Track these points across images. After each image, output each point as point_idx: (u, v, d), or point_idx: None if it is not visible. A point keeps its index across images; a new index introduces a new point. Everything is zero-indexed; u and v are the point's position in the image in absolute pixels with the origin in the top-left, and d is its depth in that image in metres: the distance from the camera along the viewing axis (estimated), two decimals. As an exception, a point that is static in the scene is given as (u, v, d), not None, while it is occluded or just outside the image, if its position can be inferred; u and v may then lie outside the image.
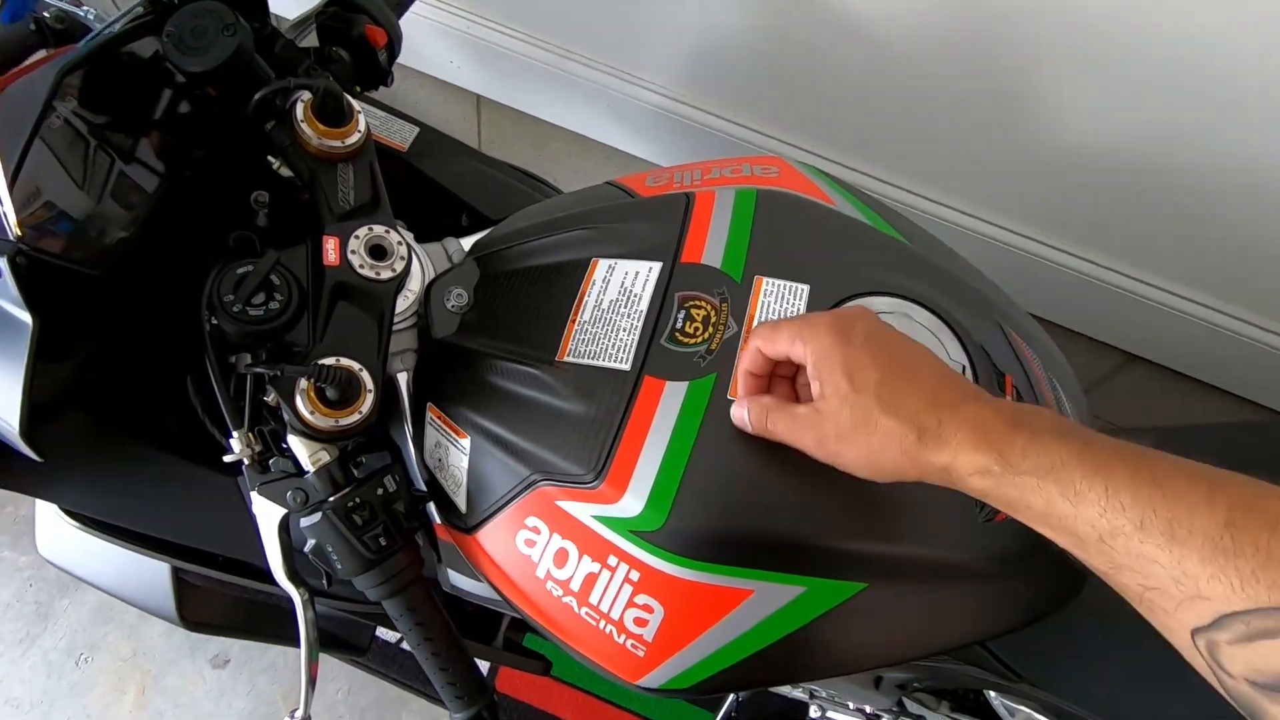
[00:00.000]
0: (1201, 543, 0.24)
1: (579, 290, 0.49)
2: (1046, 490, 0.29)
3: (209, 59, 0.44)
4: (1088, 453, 0.28)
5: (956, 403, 0.33)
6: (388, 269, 0.51)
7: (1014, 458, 0.30)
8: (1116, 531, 0.27)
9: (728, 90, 1.02)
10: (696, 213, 0.51)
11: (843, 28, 0.87)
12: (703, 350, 0.45)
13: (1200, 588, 0.24)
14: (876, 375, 0.34)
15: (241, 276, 0.46)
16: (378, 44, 0.55)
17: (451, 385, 0.51)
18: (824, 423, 0.36)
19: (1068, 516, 0.28)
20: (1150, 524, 0.25)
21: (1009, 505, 0.31)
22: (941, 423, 0.33)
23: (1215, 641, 0.24)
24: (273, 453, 0.49)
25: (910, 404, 0.34)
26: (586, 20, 1.02)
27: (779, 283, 0.46)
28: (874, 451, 0.34)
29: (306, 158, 0.51)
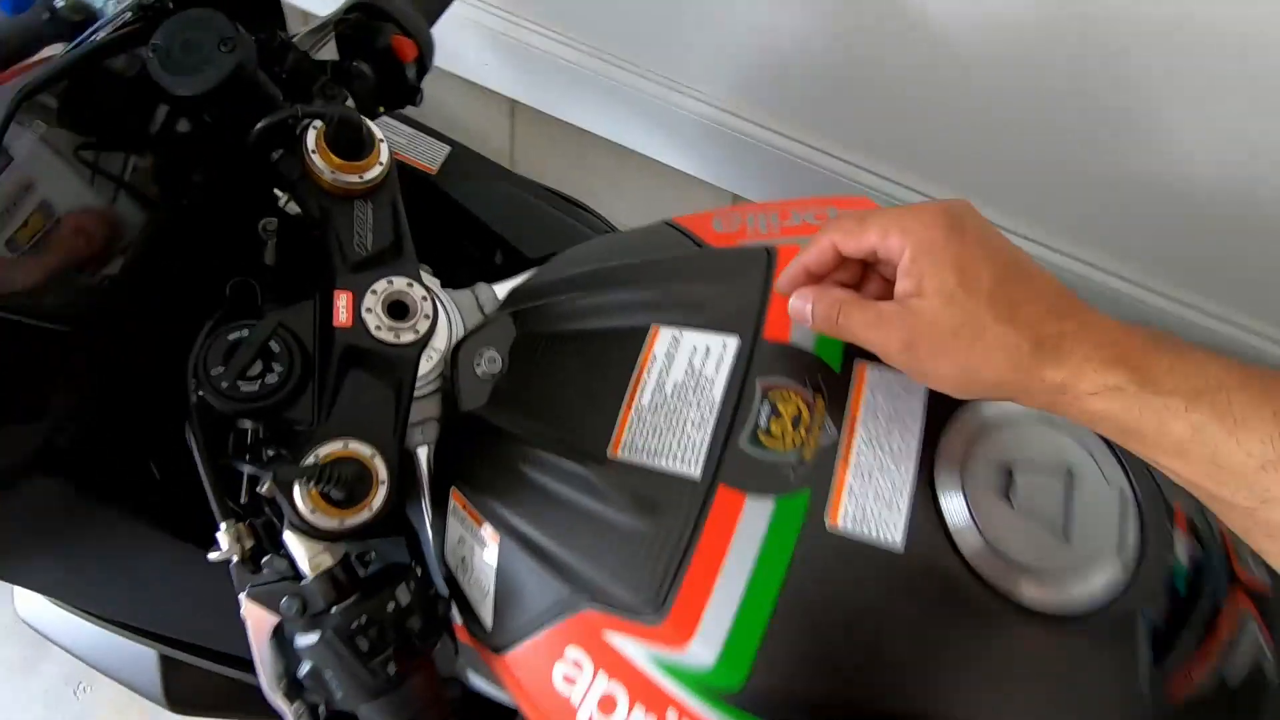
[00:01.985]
0: None
1: (637, 366, 0.41)
2: (1197, 414, 0.26)
3: (202, 80, 0.36)
4: (1250, 378, 0.26)
5: (1081, 313, 0.29)
6: (410, 330, 0.42)
7: (1158, 375, 0.27)
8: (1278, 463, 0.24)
9: (783, 103, 0.93)
10: (783, 263, 0.42)
11: (917, 38, 0.77)
12: (794, 460, 0.36)
13: None
14: (991, 276, 0.30)
15: (234, 344, 0.38)
16: (405, 58, 0.47)
17: (480, 470, 0.43)
18: (918, 323, 0.31)
19: (1219, 446, 0.25)
20: None
21: (1137, 432, 0.28)
22: (1064, 334, 0.29)
23: None
24: (267, 550, 0.41)
25: (1028, 311, 0.29)
26: (630, 23, 0.93)
27: (888, 374, 0.37)
28: (975, 362, 0.30)
29: (318, 194, 0.43)
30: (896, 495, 0.34)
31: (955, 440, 0.36)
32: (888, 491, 0.35)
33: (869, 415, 0.36)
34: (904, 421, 0.36)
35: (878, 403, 0.37)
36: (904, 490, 0.35)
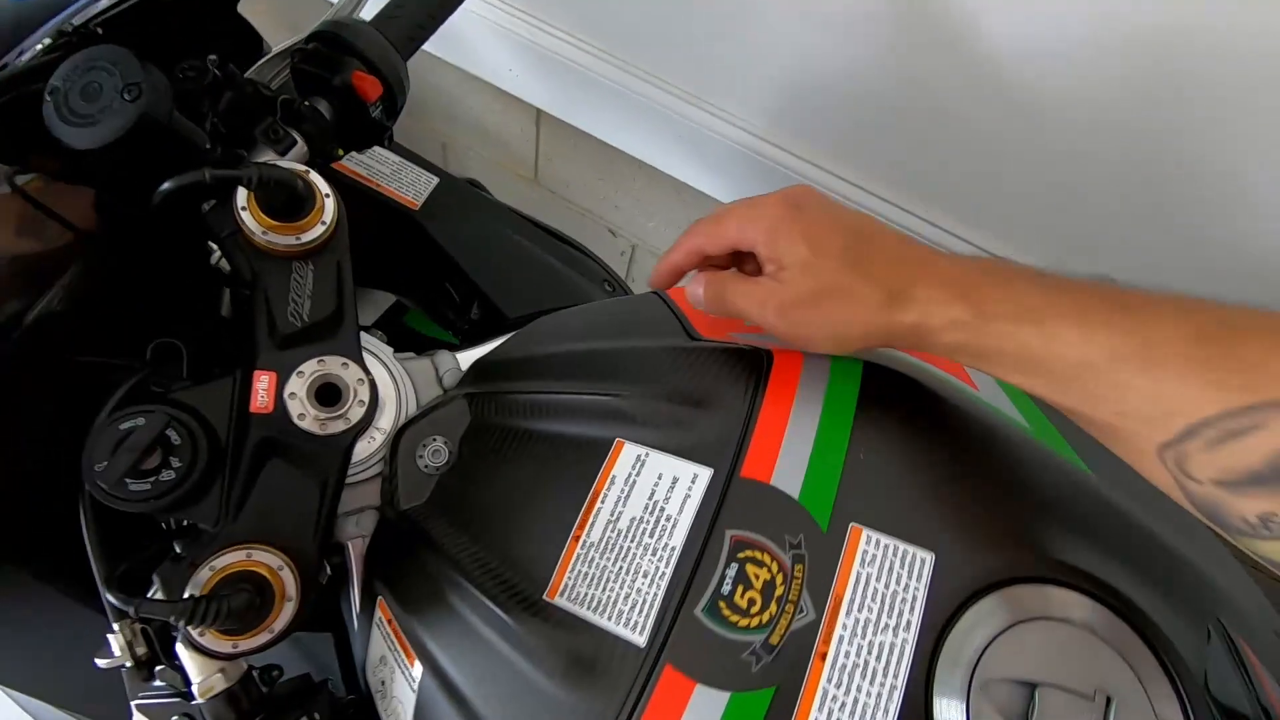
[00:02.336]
0: (1174, 360, 0.25)
1: (592, 489, 0.35)
2: (1022, 334, 0.29)
3: (97, 133, 0.31)
4: (1060, 292, 0.29)
5: (922, 259, 0.33)
6: (340, 419, 0.37)
7: (988, 306, 0.30)
8: (1090, 364, 0.27)
9: (821, 133, 0.85)
10: (772, 392, 0.35)
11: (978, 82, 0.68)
12: (759, 641, 0.29)
13: (1174, 403, 0.25)
14: (839, 242, 0.33)
15: (125, 434, 0.33)
16: (367, 97, 0.41)
17: (410, 584, 0.37)
18: (786, 292, 0.34)
19: (1043, 357, 0.29)
20: (1123, 351, 0.26)
21: (983, 356, 0.31)
22: (910, 280, 0.32)
23: (1185, 452, 0.25)
24: (160, 659, 0.36)
25: (877, 266, 0.32)
26: (666, 39, 0.86)
27: (887, 542, 0.30)
28: (842, 318, 0.33)
29: (251, 253, 0.38)
30: (880, 710, 0.28)
31: (966, 640, 0.29)
32: (870, 703, 0.28)
33: (857, 595, 0.30)
34: (900, 609, 0.29)
35: (870, 580, 0.30)
36: (891, 704, 0.28)
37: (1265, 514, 0.24)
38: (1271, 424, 0.23)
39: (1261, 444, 0.24)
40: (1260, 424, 0.24)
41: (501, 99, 1.09)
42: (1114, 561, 0.31)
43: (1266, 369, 0.24)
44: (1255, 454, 0.24)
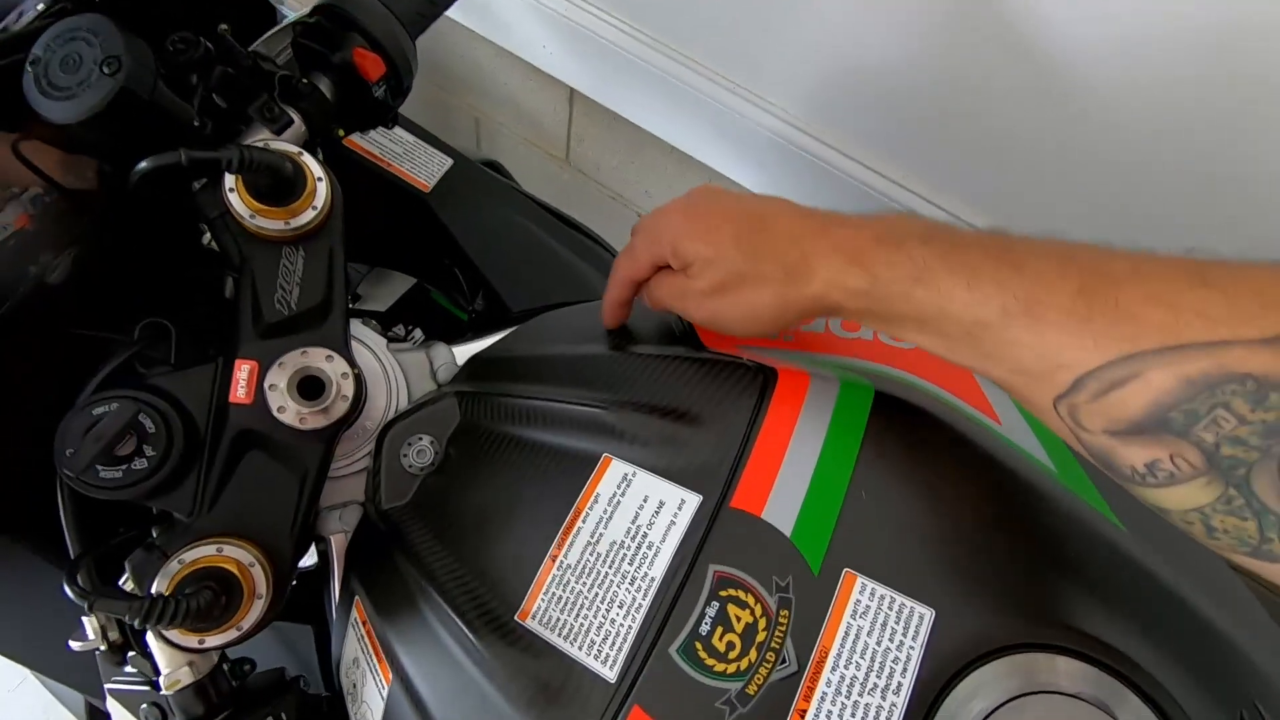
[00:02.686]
0: (1058, 315, 0.25)
1: (574, 504, 0.33)
2: (915, 296, 0.29)
3: (74, 107, 0.30)
4: (952, 252, 0.28)
5: (817, 231, 0.32)
6: (319, 414, 0.36)
7: (880, 269, 0.30)
8: (982, 322, 0.27)
9: (864, 128, 0.80)
10: (773, 414, 0.32)
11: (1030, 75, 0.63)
12: (735, 690, 0.27)
13: (1060, 357, 0.25)
14: (732, 229, 0.34)
15: (96, 420, 0.32)
16: (369, 75, 0.39)
17: (386, 589, 0.36)
18: (694, 284, 0.35)
19: (935, 317, 0.28)
20: (1012, 308, 0.26)
21: (885, 321, 0.31)
22: (806, 254, 0.32)
23: (1075, 405, 0.25)
24: (132, 646, 0.36)
25: (770, 246, 0.33)
26: (707, 21, 0.82)
27: (884, 592, 0.28)
28: (751, 302, 0.33)
29: (240, 236, 0.36)
30: (860, 781, 0.25)
31: (962, 710, 0.26)
32: (850, 771, 0.25)
33: (845, 649, 0.27)
34: (891, 669, 0.27)
35: (860, 633, 0.27)
36: (873, 775, 0.25)
37: (1151, 461, 0.24)
38: (1148, 373, 0.23)
39: (1140, 393, 0.24)
40: (1137, 373, 0.24)
41: (536, 76, 1.07)
42: (1136, 631, 0.27)
43: (1143, 318, 0.24)
44: (1136, 403, 0.24)
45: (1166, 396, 0.23)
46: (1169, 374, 0.23)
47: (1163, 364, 0.23)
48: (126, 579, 0.34)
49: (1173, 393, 0.23)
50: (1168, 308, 0.23)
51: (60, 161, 0.39)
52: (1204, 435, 0.23)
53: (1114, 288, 0.24)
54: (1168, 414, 0.23)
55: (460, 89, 1.20)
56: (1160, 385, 0.23)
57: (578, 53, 0.96)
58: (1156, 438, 0.24)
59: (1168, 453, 0.24)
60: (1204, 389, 0.22)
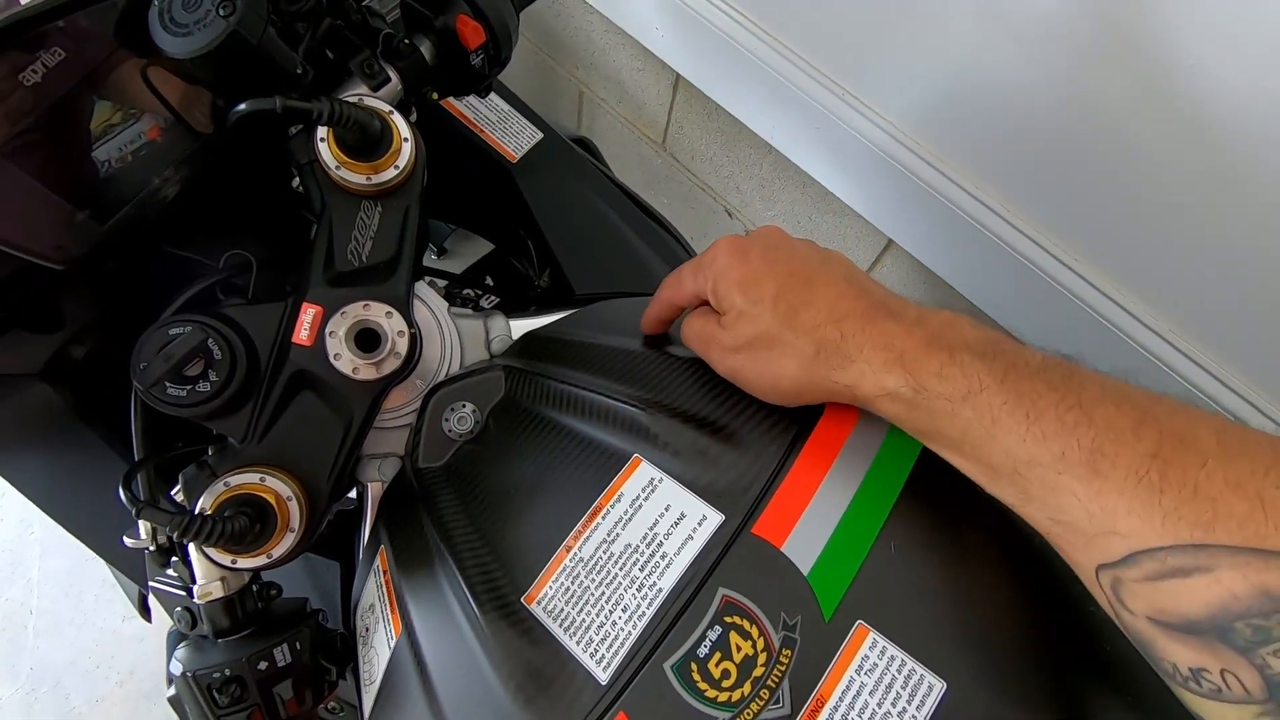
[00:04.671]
0: (1124, 476, 0.22)
1: (597, 499, 0.33)
2: (962, 416, 0.26)
3: (189, 43, 0.31)
4: (1011, 376, 0.26)
5: (863, 315, 0.30)
6: (371, 367, 0.37)
7: (928, 380, 0.27)
8: (1034, 462, 0.24)
9: (974, 153, 0.76)
10: (811, 448, 0.31)
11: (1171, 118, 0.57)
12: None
13: (1116, 523, 0.22)
14: (774, 287, 0.31)
15: (170, 339, 0.34)
16: (468, 43, 0.39)
17: (407, 543, 0.37)
18: (725, 335, 0.33)
19: (982, 444, 0.26)
20: (1072, 455, 0.23)
21: (922, 433, 0.29)
22: (844, 336, 0.29)
23: (1121, 579, 0.23)
24: (176, 553, 0.38)
25: (808, 316, 0.30)
26: (826, 23, 0.79)
27: (895, 653, 0.26)
28: (774, 369, 0.31)
29: (325, 185, 0.38)
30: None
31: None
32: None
33: (843, 704, 0.26)
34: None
35: (862, 690, 0.26)
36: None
37: (1197, 668, 0.21)
38: (1220, 570, 0.20)
39: (1205, 590, 0.20)
40: (1207, 567, 0.20)
41: (643, 57, 1.06)
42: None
43: (1225, 506, 0.20)
44: (1197, 600, 0.21)
45: (1236, 604, 0.20)
46: (1245, 579, 0.20)
47: (1240, 565, 0.20)
48: (178, 489, 0.37)
49: (1244, 601, 0.20)
50: (1255, 500, 0.20)
51: (181, 94, 0.42)
52: (1272, 661, 0.19)
53: (1196, 463, 0.21)
54: (1232, 624, 0.20)
55: (568, 60, 1.21)
56: (1232, 589, 0.20)
57: (690, 39, 0.94)
58: (1210, 646, 0.21)
59: (1220, 665, 0.20)
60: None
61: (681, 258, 0.56)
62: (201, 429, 0.41)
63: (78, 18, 0.34)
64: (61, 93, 0.36)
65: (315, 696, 0.38)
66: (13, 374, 0.45)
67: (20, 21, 0.31)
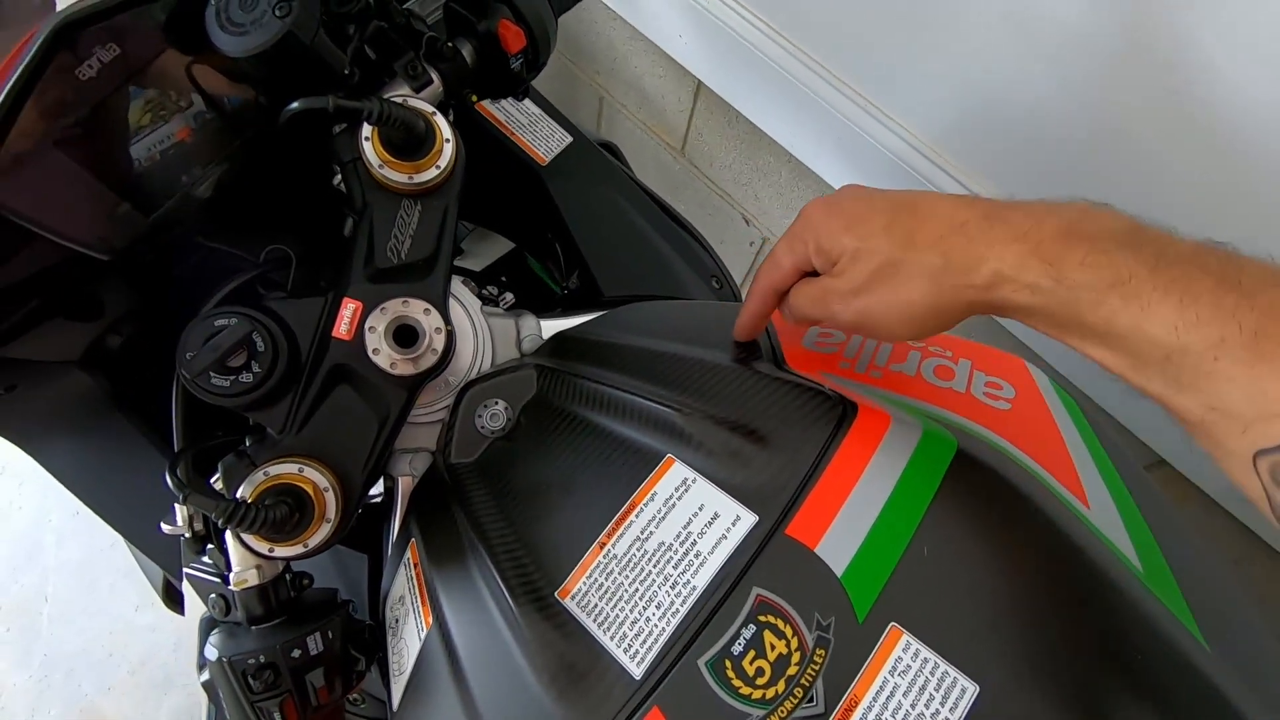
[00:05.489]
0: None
1: (630, 498, 0.33)
2: (1109, 305, 0.25)
3: (245, 43, 0.32)
4: (1162, 263, 0.25)
5: (985, 215, 0.29)
6: (409, 362, 0.37)
7: (1069, 269, 0.26)
8: (1188, 348, 0.24)
9: (993, 164, 0.76)
10: (846, 450, 0.32)
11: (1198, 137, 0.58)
12: (756, 717, 0.27)
13: (1278, 406, 0.22)
14: (883, 219, 0.31)
15: (216, 330, 0.35)
16: (510, 47, 0.40)
17: (439, 537, 0.38)
18: (841, 283, 0.32)
19: (1131, 335, 0.25)
20: (1232, 339, 0.23)
21: (1063, 328, 0.27)
22: (971, 239, 0.28)
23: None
24: (212, 540, 0.39)
25: (926, 232, 0.29)
26: (849, 33, 0.80)
27: (928, 656, 0.27)
28: (904, 296, 0.30)
29: (367, 183, 0.38)
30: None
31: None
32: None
33: (877, 705, 0.26)
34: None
35: (896, 691, 0.26)
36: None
37: None
38: None
39: None
40: None
41: (665, 64, 1.07)
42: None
43: None
44: None
45: None
46: None
47: None
48: (217, 478, 0.37)
49: None
50: None
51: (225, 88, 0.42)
52: None
53: None
54: None
55: (590, 66, 1.22)
56: None
57: (712, 47, 0.95)
58: None
59: None
60: None
61: (706, 263, 0.57)
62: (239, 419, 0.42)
63: (133, 15, 0.35)
64: (113, 88, 0.37)
65: (345, 685, 0.38)
66: (52, 361, 0.46)
67: (81, 19, 0.31)
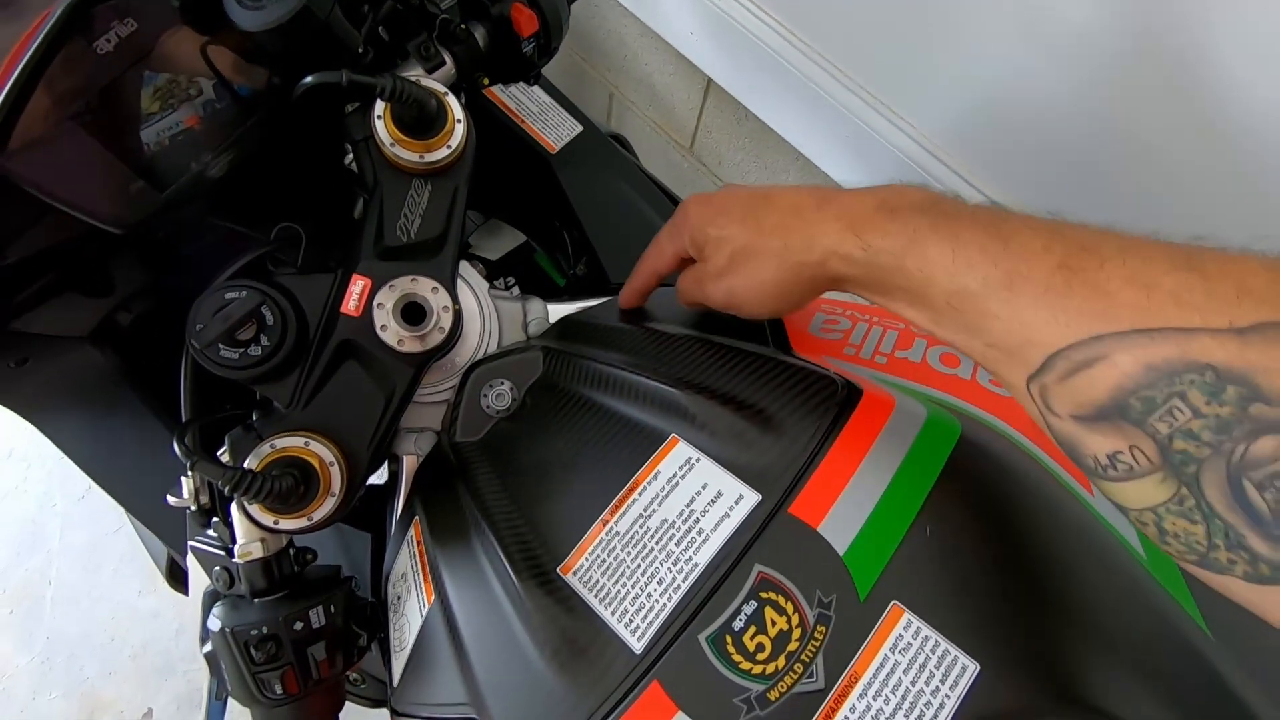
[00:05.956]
0: (1036, 289, 0.24)
1: (634, 476, 0.33)
2: (904, 265, 0.28)
3: (262, 17, 0.33)
4: (943, 221, 0.28)
5: (818, 200, 0.32)
6: (416, 340, 0.38)
7: (874, 238, 0.29)
8: (964, 292, 0.26)
9: (1000, 163, 0.76)
10: (849, 432, 0.32)
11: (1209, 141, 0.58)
12: (756, 691, 0.27)
13: (1032, 333, 0.24)
14: (739, 211, 0.35)
15: (227, 303, 0.35)
16: (522, 31, 0.40)
17: (442, 514, 0.38)
18: (708, 267, 0.36)
19: (922, 286, 0.28)
20: (991, 279, 0.25)
21: (881, 293, 0.30)
22: (808, 223, 0.32)
23: (1045, 385, 0.24)
24: (217, 513, 0.39)
25: (771, 219, 0.33)
26: (860, 33, 0.80)
27: (929, 634, 0.27)
28: (754, 276, 0.34)
29: (378, 161, 0.39)
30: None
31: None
32: (858, 801, 0.25)
33: (877, 681, 0.26)
34: (922, 712, 0.26)
35: (896, 669, 0.26)
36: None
37: (1112, 452, 0.23)
38: (1115, 354, 0.22)
39: (1106, 375, 0.22)
40: (1105, 354, 0.22)
41: (675, 61, 1.07)
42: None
43: (1118, 298, 0.22)
44: (1100, 386, 0.22)
45: (1128, 381, 0.22)
46: (1134, 358, 0.22)
47: (1129, 346, 0.22)
48: (224, 451, 0.38)
49: (1134, 377, 0.22)
50: (1144, 289, 0.22)
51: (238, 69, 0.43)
52: (1159, 426, 0.21)
53: (1096, 266, 0.23)
54: (1128, 400, 0.22)
55: (600, 62, 1.22)
56: (1124, 369, 0.22)
57: (723, 44, 0.95)
58: (1117, 426, 0.22)
59: (1127, 444, 0.22)
60: (1164, 376, 0.21)
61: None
62: (247, 394, 0.42)
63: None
64: (130, 63, 0.38)
65: (346, 660, 0.38)
66: (63, 336, 0.46)
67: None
